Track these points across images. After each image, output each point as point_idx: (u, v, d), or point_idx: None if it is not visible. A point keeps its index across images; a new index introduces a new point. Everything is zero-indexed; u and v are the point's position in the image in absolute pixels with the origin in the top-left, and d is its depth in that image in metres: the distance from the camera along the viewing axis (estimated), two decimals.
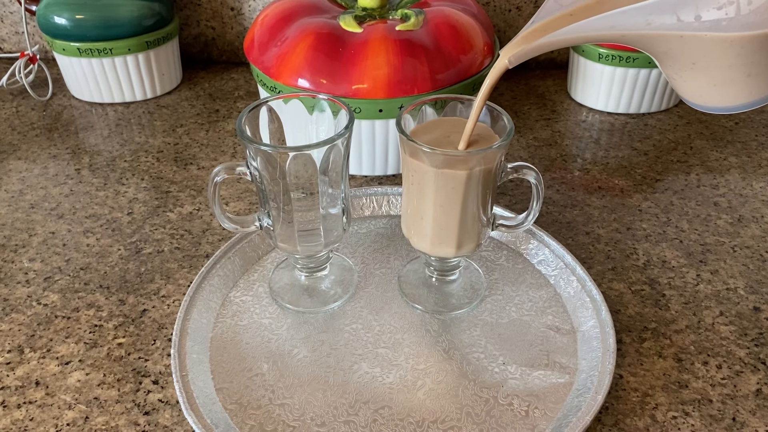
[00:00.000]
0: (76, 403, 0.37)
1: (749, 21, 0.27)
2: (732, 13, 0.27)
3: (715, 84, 0.29)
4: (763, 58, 0.28)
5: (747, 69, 0.28)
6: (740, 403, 0.37)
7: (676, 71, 0.30)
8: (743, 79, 0.29)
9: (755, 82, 0.29)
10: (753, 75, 0.28)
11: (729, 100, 0.30)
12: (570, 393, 0.37)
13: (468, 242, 0.40)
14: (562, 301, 0.43)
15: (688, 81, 0.30)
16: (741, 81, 0.29)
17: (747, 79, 0.28)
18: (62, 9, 0.63)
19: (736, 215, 0.51)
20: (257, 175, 0.38)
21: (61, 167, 0.58)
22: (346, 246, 0.48)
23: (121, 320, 0.42)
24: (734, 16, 0.27)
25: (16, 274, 0.46)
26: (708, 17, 0.27)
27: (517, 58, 0.33)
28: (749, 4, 0.27)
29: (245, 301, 0.43)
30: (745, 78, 0.28)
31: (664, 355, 0.40)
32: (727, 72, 0.29)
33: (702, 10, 0.27)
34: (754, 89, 0.29)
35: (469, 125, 0.36)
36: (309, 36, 0.51)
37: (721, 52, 0.28)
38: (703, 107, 0.31)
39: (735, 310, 0.43)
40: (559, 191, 0.54)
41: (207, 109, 0.68)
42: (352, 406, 0.36)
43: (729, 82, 0.29)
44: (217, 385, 0.37)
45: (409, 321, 0.42)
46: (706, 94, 0.30)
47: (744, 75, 0.28)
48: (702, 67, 0.29)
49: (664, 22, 0.28)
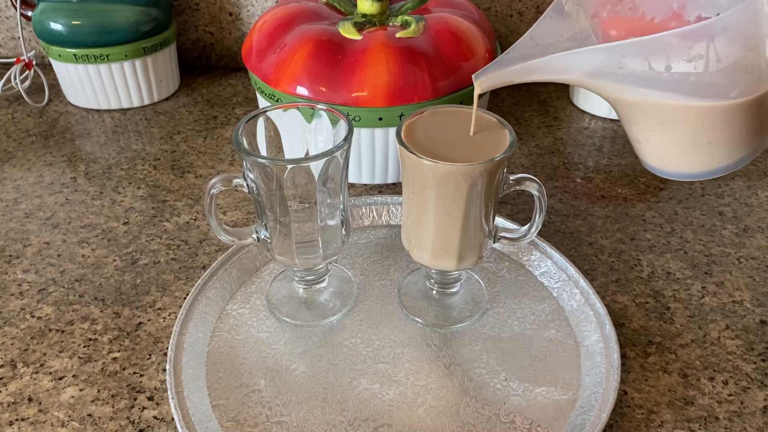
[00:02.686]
0: (69, 420, 0.36)
1: (714, 81, 0.27)
2: (701, 68, 0.28)
3: (678, 148, 0.30)
4: (726, 128, 0.28)
5: (707, 136, 0.28)
6: (747, 420, 0.36)
7: (642, 131, 0.31)
8: (704, 146, 0.29)
9: (716, 150, 0.29)
10: (714, 143, 0.29)
11: (690, 166, 0.31)
12: (573, 410, 0.36)
13: (469, 255, 0.39)
14: (565, 314, 0.42)
15: (652, 142, 0.31)
16: (702, 148, 0.29)
17: (708, 146, 0.29)
18: (58, 14, 0.62)
19: (741, 225, 0.50)
20: (254, 187, 0.37)
21: (56, 175, 0.57)
22: (345, 257, 0.47)
23: (116, 334, 0.42)
24: (702, 72, 0.28)
25: (10, 286, 0.45)
26: (677, 69, 0.28)
27: (489, 85, 0.34)
28: (718, 62, 0.27)
29: (242, 314, 0.42)
30: (706, 145, 0.29)
31: (669, 371, 0.39)
32: (690, 136, 0.29)
33: (672, 60, 0.28)
34: (715, 157, 0.29)
35: None
36: (308, 43, 0.50)
37: (685, 115, 0.28)
38: (664, 173, 0.32)
39: (741, 323, 0.42)
40: (561, 200, 0.53)
41: (205, 115, 0.67)
42: (351, 424, 0.35)
43: (690, 148, 0.30)
44: (213, 402, 0.37)
45: (409, 335, 0.41)
46: (668, 158, 0.31)
47: (705, 142, 0.28)
48: (667, 129, 0.29)
49: (636, 68, 0.29)
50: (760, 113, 0.29)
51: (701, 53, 0.28)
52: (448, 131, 0.37)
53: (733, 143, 0.29)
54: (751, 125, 0.29)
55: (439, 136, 0.37)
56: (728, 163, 0.30)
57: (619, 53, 0.29)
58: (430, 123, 0.38)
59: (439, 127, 0.38)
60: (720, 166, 0.30)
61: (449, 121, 0.38)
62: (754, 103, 0.28)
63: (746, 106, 0.28)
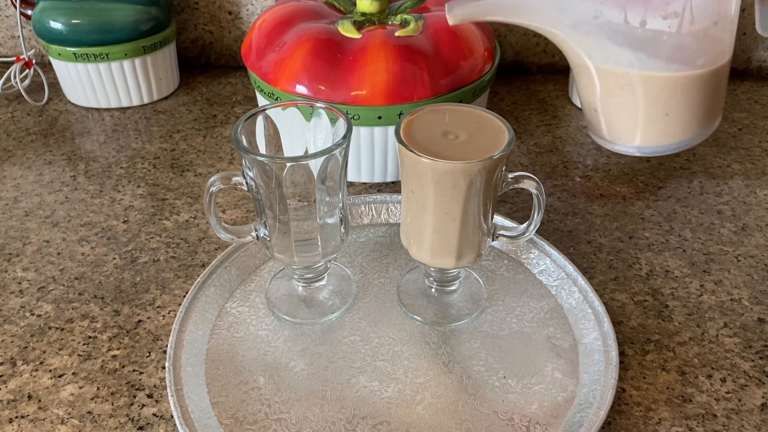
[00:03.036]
0: (69, 417, 0.36)
1: (684, 44, 0.27)
2: (674, 27, 0.27)
3: (635, 118, 0.29)
4: (684, 100, 0.28)
5: (666, 107, 0.28)
6: (745, 417, 0.36)
7: (602, 97, 0.30)
8: (661, 117, 0.28)
9: (671, 124, 0.28)
10: (671, 115, 0.28)
11: (644, 139, 0.30)
12: (572, 408, 0.36)
13: (468, 253, 0.39)
14: (563, 312, 0.42)
15: (610, 110, 0.30)
16: (659, 119, 0.28)
17: (665, 118, 0.28)
18: (58, 13, 0.62)
19: (740, 224, 0.50)
20: (253, 185, 0.37)
21: (56, 174, 0.57)
22: (344, 255, 0.47)
23: (115, 331, 0.42)
24: (675, 33, 0.27)
25: (10, 284, 0.45)
26: (652, 26, 0.28)
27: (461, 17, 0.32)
28: (691, 24, 0.27)
29: (242, 312, 0.42)
30: (663, 117, 0.28)
31: (667, 368, 0.39)
32: (649, 106, 0.28)
33: (649, 15, 0.28)
34: (670, 131, 0.29)
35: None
36: (307, 42, 0.50)
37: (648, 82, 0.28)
38: (617, 147, 0.31)
39: (739, 321, 0.42)
40: (560, 199, 0.53)
41: (204, 114, 0.67)
42: (350, 421, 0.36)
43: (647, 119, 0.29)
44: (212, 399, 0.37)
45: (408, 333, 0.41)
46: (623, 129, 0.30)
47: (662, 113, 0.28)
48: (627, 95, 0.29)
49: (611, 18, 0.28)
50: (716, 89, 0.29)
51: (677, 11, 0.27)
52: (447, 129, 0.38)
53: (688, 118, 0.29)
54: (707, 100, 0.29)
55: (437, 134, 0.37)
56: (681, 140, 0.30)
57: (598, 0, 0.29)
58: (429, 121, 0.38)
59: (438, 125, 0.38)
60: (673, 142, 0.30)
61: (448, 120, 0.38)
62: (714, 75, 0.28)
63: (707, 77, 0.28)
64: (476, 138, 0.37)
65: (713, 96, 0.29)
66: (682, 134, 0.29)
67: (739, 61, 0.74)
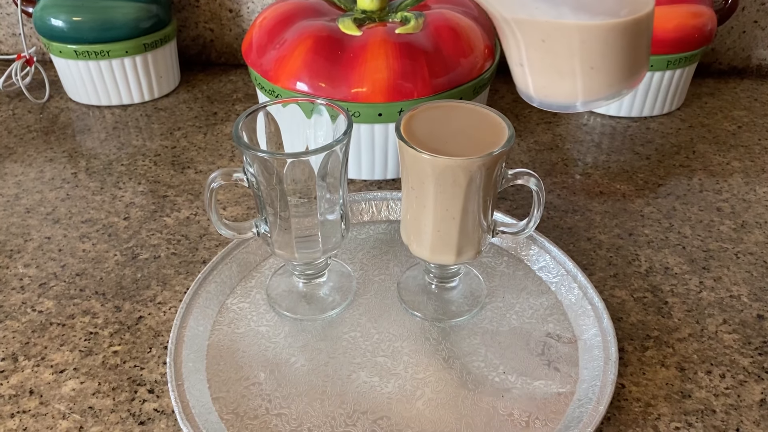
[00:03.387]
0: (70, 412, 0.37)
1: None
2: None
3: (560, 72, 0.28)
4: (609, 51, 0.27)
5: (591, 60, 0.27)
6: (744, 413, 0.36)
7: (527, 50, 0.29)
8: (587, 71, 0.28)
9: (597, 77, 0.28)
10: (596, 68, 0.28)
11: (571, 94, 0.29)
12: (571, 403, 0.36)
13: (468, 249, 0.39)
14: (563, 308, 0.42)
15: (535, 65, 0.29)
16: (585, 72, 0.28)
17: (590, 71, 0.28)
18: (59, 11, 0.62)
19: (739, 221, 0.50)
20: (254, 182, 0.37)
21: (57, 171, 0.57)
22: (344, 252, 0.47)
23: (116, 327, 0.42)
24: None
25: (11, 280, 0.45)
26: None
27: None
28: None
29: (242, 308, 0.43)
30: (589, 70, 0.28)
31: (666, 365, 0.39)
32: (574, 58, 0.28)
33: None
34: (595, 85, 0.28)
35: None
36: (308, 39, 0.50)
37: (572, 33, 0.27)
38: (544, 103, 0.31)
39: (738, 318, 0.42)
40: (560, 196, 0.53)
41: (205, 111, 0.67)
42: (350, 416, 0.36)
43: (573, 72, 0.28)
44: (213, 395, 0.37)
45: (408, 329, 0.41)
46: (550, 83, 0.29)
47: (588, 66, 0.28)
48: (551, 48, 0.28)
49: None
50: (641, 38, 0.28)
51: None
52: (447, 126, 0.38)
53: (614, 71, 0.28)
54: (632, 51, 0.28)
55: (438, 130, 0.37)
56: (607, 93, 0.29)
57: None
58: (430, 118, 0.38)
59: (439, 121, 0.38)
60: (600, 97, 0.29)
61: (448, 116, 0.38)
62: (638, 23, 0.28)
63: (631, 26, 0.27)
64: (476, 134, 0.37)
65: (638, 46, 0.28)
66: (608, 88, 0.29)
67: (739, 59, 0.74)
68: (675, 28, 0.59)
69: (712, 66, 0.75)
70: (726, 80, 0.73)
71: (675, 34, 0.59)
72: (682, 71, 0.62)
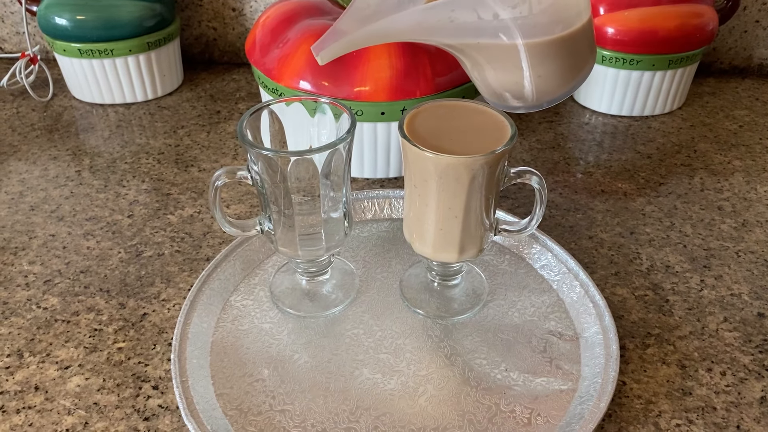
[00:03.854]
0: (75, 408, 0.37)
1: (539, 22, 0.29)
2: (525, 11, 0.29)
3: (513, 84, 0.31)
4: (551, 61, 0.29)
5: (537, 70, 0.30)
6: (744, 410, 0.36)
7: (479, 70, 0.31)
8: (536, 79, 0.30)
9: (547, 82, 0.30)
10: (543, 76, 0.30)
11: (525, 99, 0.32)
12: (573, 400, 0.36)
13: (470, 247, 0.39)
14: (565, 306, 0.42)
15: (489, 81, 0.32)
16: (534, 81, 0.30)
17: (539, 79, 0.30)
18: (63, 9, 0.63)
19: (740, 219, 0.51)
20: (258, 179, 0.38)
21: (61, 169, 0.58)
22: (347, 249, 0.47)
23: (121, 324, 0.42)
24: (527, 15, 0.29)
25: (16, 277, 0.46)
26: (504, 15, 0.29)
27: (330, 56, 0.33)
28: (539, 3, 0.28)
29: (246, 305, 0.43)
30: (537, 78, 0.30)
31: (667, 362, 0.39)
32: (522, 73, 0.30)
33: (498, 8, 0.29)
34: (548, 88, 0.31)
35: None
36: (311, 38, 0.50)
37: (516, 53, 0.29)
38: (504, 107, 0.32)
39: (739, 316, 0.42)
40: (561, 194, 0.54)
41: (208, 110, 0.67)
42: (353, 413, 0.36)
43: (523, 83, 0.31)
44: (217, 391, 0.37)
45: (410, 326, 0.41)
46: (506, 93, 0.32)
47: (535, 76, 0.30)
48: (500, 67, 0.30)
49: (466, 20, 0.30)
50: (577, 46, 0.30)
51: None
52: (450, 124, 0.38)
53: (561, 74, 0.30)
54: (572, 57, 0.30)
55: (441, 128, 0.37)
56: (561, 92, 0.31)
57: (449, 8, 0.30)
58: (433, 116, 0.38)
59: (441, 120, 0.38)
60: (555, 96, 0.31)
61: (451, 114, 0.39)
62: (575, 34, 0.29)
63: (569, 39, 0.29)
64: (479, 133, 0.37)
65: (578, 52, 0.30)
66: (559, 88, 0.30)
67: (740, 59, 0.74)
68: (677, 27, 0.59)
69: (714, 65, 0.75)
70: (727, 80, 0.73)
71: (677, 33, 0.59)
72: (683, 70, 0.63)
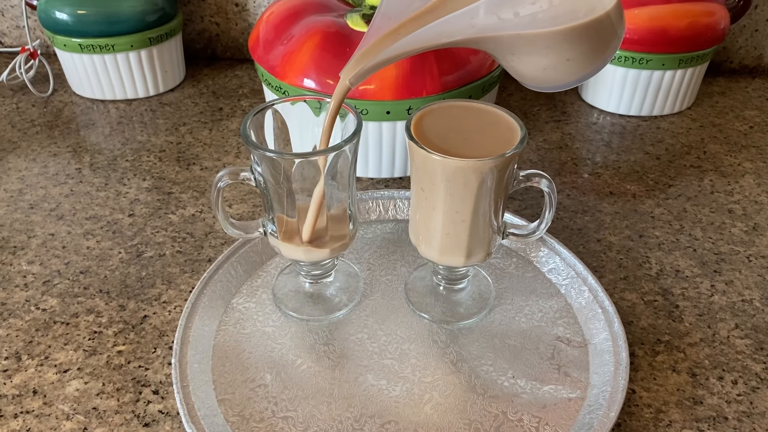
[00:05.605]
0: (74, 413, 0.36)
1: (558, 14, 0.30)
2: (545, 5, 0.30)
3: (543, 68, 0.33)
4: (575, 45, 0.31)
5: (564, 55, 0.32)
6: (757, 421, 0.36)
7: (508, 60, 0.33)
8: (563, 62, 0.32)
9: (574, 65, 0.32)
10: (571, 59, 0.32)
11: (557, 80, 0.33)
12: (582, 409, 0.36)
13: (478, 251, 0.39)
14: (573, 311, 0.42)
15: (519, 66, 0.33)
16: (562, 64, 0.32)
17: (567, 62, 0.32)
18: (64, 4, 0.62)
19: (751, 223, 0.50)
20: (262, 180, 0.37)
21: (61, 166, 0.57)
22: (351, 251, 0.47)
23: (121, 327, 0.41)
24: (548, 8, 0.30)
25: (14, 277, 0.45)
26: (525, 12, 0.30)
27: (357, 79, 0.35)
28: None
29: (248, 308, 0.42)
30: (565, 62, 0.32)
31: (678, 370, 0.39)
32: (547, 58, 0.32)
33: (519, 7, 0.30)
34: (575, 70, 0.33)
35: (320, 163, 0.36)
36: (316, 35, 0.49)
37: (537, 43, 0.31)
38: (537, 87, 0.35)
39: (751, 322, 0.42)
40: (569, 196, 0.53)
41: (210, 107, 0.67)
42: (357, 420, 0.35)
43: (552, 67, 0.32)
44: (219, 396, 0.37)
45: (415, 331, 0.41)
46: (537, 76, 0.34)
47: (564, 59, 0.32)
48: (525, 54, 0.32)
49: (487, 23, 0.31)
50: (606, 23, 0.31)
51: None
52: (458, 126, 0.37)
53: (587, 55, 0.32)
54: (601, 40, 0.32)
55: (449, 131, 0.37)
56: (587, 71, 0.33)
57: (469, 17, 0.31)
58: (440, 118, 0.38)
59: (450, 122, 0.37)
60: (579, 76, 0.33)
61: (460, 116, 0.38)
62: (602, 17, 0.31)
63: (595, 24, 0.31)
64: (488, 135, 0.36)
65: (608, 29, 0.32)
66: (590, 65, 0.33)
67: (751, 58, 0.73)
68: (688, 26, 0.58)
69: (724, 65, 0.74)
70: (737, 79, 0.72)
71: (688, 32, 0.58)
72: (693, 70, 0.62)
